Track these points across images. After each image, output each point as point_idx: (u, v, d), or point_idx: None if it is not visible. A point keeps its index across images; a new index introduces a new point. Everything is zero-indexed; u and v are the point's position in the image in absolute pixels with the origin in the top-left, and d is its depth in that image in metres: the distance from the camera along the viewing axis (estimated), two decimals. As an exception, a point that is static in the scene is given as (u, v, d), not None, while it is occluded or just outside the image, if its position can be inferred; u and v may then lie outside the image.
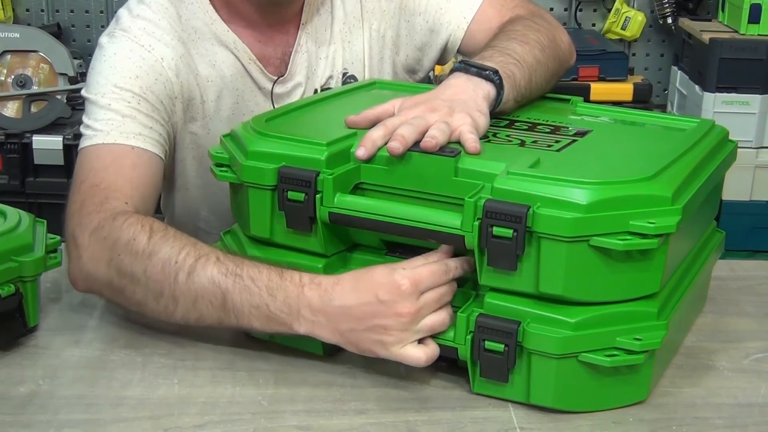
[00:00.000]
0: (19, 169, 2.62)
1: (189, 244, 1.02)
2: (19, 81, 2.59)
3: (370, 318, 0.93)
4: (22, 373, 0.98)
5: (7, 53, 2.59)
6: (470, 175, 0.94)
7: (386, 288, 0.93)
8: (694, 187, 0.96)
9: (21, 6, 3.06)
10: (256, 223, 1.02)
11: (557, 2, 3.16)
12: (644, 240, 0.88)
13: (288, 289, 0.96)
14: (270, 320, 0.97)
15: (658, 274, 0.92)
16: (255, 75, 1.30)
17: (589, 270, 0.89)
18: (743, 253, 2.71)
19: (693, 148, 1.03)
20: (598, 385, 0.92)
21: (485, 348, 0.92)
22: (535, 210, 0.88)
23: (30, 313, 1.03)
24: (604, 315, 0.91)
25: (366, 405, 0.94)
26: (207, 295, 0.99)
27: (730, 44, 2.70)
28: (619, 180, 0.91)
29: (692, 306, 1.08)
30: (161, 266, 1.01)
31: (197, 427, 0.90)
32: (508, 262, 0.90)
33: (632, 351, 0.90)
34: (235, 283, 0.98)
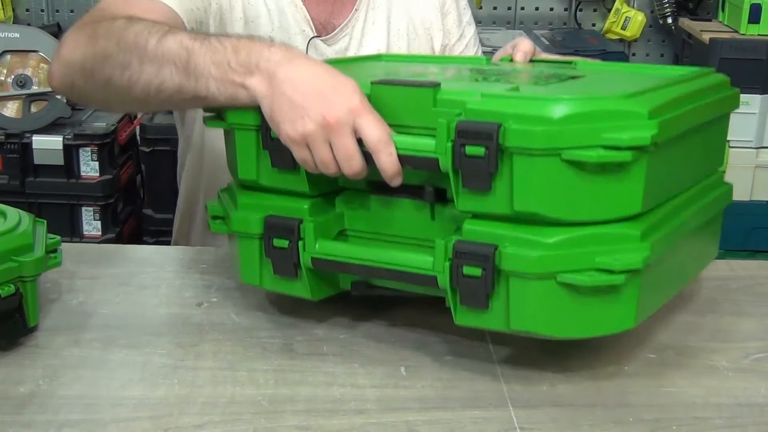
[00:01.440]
0: (19, 169, 2.62)
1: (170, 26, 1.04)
2: (19, 81, 2.59)
3: (313, 96, 0.93)
4: (22, 373, 0.98)
5: (7, 53, 2.59)
6: (448, 105, 0.93)
7: (345, 93, 0.93)
8: (677, 110, 0.95)
9: (21, 6, 3.06)
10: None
11: (557, 2, 3.16)
12: (618, 152, 0.87)
13: (254, 47, 0.99)
14: (226, 77, 0.98)
15: (638, 193, 0.91)
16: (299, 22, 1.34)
17: (562, 186, 0.89)
18: (743, 253, 2.72)
19: (681, 83, 1.02)
20: (580, 309, 0.91)
21: (463, 274, 0.91)
22: (507, 125, 0.88)
23: (30, 313, 1.03)
24: (583, 236, 0.90)
25: (366, 405, 0.94)
26: (173, 57, 1.01)
27: (730, 44, 2.70)
28: (593, 96, 0.91)
29: (694, 245, 1.06)
30: (134, 36, 1.04)
31: (197, 427, 0.90)
32: (482, 182, 0.90)
33: (612, 270, 0.89)
34: (203, 45, 1.00)
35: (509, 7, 3.19)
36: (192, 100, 1.03)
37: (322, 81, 0.95)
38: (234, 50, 0.99)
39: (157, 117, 2.84)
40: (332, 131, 0.93)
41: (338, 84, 0.95)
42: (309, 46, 1.35)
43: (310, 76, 0.96)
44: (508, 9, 3.19)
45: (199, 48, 1.00)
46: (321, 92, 0.94)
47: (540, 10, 3.18)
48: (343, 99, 0.93)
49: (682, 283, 1.08)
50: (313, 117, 0.93)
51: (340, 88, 0.94)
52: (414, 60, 1.30)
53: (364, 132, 0.93)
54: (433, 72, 1.14)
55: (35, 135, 2.60)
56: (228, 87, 0.99)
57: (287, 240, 1.01)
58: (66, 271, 1.17)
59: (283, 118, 0.95)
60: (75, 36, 1.12)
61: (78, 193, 2.66)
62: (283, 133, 0.95)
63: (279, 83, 0.96)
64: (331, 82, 0.95)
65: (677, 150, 0.97)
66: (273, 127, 0.97)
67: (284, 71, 0.96)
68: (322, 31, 1.38)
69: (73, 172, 2.65)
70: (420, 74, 1.12)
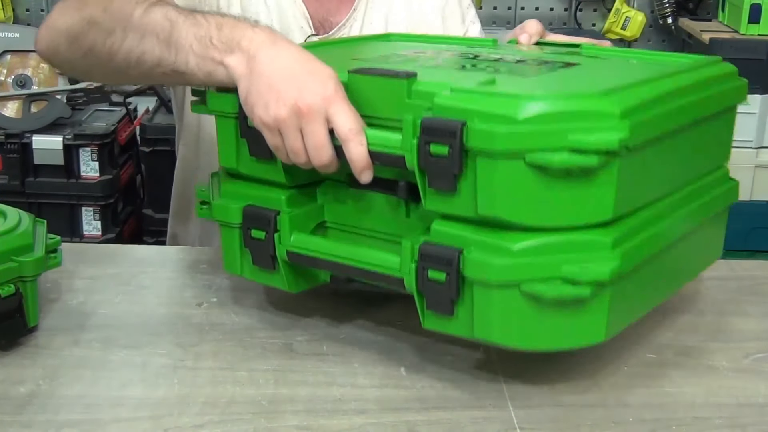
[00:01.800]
0: (19, 169, 2.62)
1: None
2: (19, 81, 2.59)
3: (289, 81, 0.92)
4: (22, 373, 0.98)
5: (7, 53, 2.59)
6: (423, 97, 0.89)
7: (320, 80, 0.92)
8: (661, 107, 0.90)
9: (21, 6, 3.06)
10: (224, 153, 1.04)
11: (557, 2, 3.16)
12: (584, 156, 0.83)
13: (239, 25, 0.97)
14: (206, 53, 0.97)
15: (609, 199, 0.86)
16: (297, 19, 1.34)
17: (527, 190, 0.84)
18: (743, 253, 2.72)
19: (680, 74, 0.98)
20: (545, 320, 0.87)
21: (428, 277, 0.89)
22: (469, 125, 0.84)
23: (30, 313, 1.03)
24: (550, 243, 0.86)
25: (366, 405, 0.94)
26: (156, 28, 1.00)
27: (730, 44, 2.70)
28: (562, 94, 0.86)
29: (687, 247, 1.01)
30: (120, 4, 1.04)
31: (197, 427, 0.90)
32: (446, 182, 0.87)
33: (577, 282, 0.85)
34: (187, 19, 1.00)
35: (509, 7, 3.19)
36: (171, 75, 1.02)
37: (299, 66, 0.93)
38: (218, 27, 0.98)
39: (157, 117, 2.84)
40: (304, 118, 0.91)
41: (315, 71, 0.93)
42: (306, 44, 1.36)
43: (288, 61, 0.94)
44: (508, 9, 3.19)
45: (183, 21, 1.00)
46: (297, 77, 0.92)
47: (540, 10, 3.18)
48: (317, 86, 0.91)
49: (672, 288, 1.03)
50: (286, 102, 0.91)
51: (317, 75, 0.92)
52: (421, 40, 1.26)
53: (335, 121, 0.91)
54: (427, 56, 1.11)
55: (35, 135, 2.61)
56: (207, 63, 0.98)
57: (264, 231, 1.00)
58: (66, 271, 1.17)
59: (257, 101, 0.93)
60: (65, 2, 1.12)
61: (78, 193, 2.66)
62: (256, 116, 0.94)
63: (257, 64, 0.94)
64: (308, 68, 0.93)
65: (663, 149, 0.93)
66: (246, 110, 0.95)
67: (265, 53, 0.95)
68: (319, 28, 1.38)
69: (73, 172, 2.65)
70: (411, 59, 1.09)
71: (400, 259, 0.91)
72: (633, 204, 0.91)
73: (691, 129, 0.96)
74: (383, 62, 1.06)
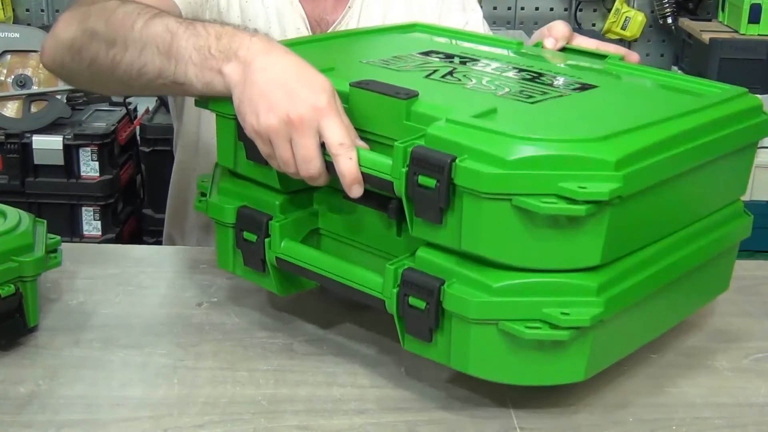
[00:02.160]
0: (19, 169, 2.62)
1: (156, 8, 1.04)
2: (19, 81, 2.59)
3: (282, 91, 0.91)
4: (22, 373, 0.98)
5: (7, 53, 2.59)
6: (421, 120, 0.88)
7: (313, 92, 0.91)
8: (662, 154, 0.87)
9: (21, 6, 3.06)
10: (222, 153, 1.05)
11: (557, 2, 3.16)
12: (571, 205, 0.81)
13: (237, 35, 0.98)
14: (204, 64, 0.97)
15: (597, 246, 0.84)
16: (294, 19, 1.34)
17: (511, 231, 0.83)
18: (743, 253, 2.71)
19: (698, 111, 0.94)
20: (521, 358, 0.86)
21: (409, 304, 0.88)
22: (458, 162, 0.83)
23: (30, 313, 1.03)
24: (533, 283, 0.85)
25: (366, 405, 0.94)
26: (157, 40, 1.00)
27: (730, 44, 2.70)
28: (557, 138, 0.83)
29: (686, 287, 0.99)
30: (122, 17, 1.05)
31: (197, 427, 0.90)
32: (432, 214, 0.86)
33: (557, 326, 0.83)
34: (187, 29, 1.00)
35: (509, 7, 3.19)
36: (171, 86, 1.03)
37: (293, 76, 0.93)
38: (216, 36, 0.98)
39: (157, 117, 2.84)
40: (295, 129, 0.90)
41: (309, 81, 0.92)
42: None
43: (283, 70, 0.94)
44: (508, 9, 3.19)
45: (183, 32, 1.00)
46: (290, 87, 0.92)
47: (540, 10, 3.18)
48: (310, 97, 0.91)
49: (667, 325, 1.01)
50: (277, 112, 0.91)
51: (310, 85, 0.92)
52: (444, 34, 1.24)
53: (325, 134, 0.90)
54: (439, 62, 1.09)
55: (35, 135, 2.61)
56: (205, 74, 0.98)
57: (256, 235, 1.00)
58: (66, 271, 1.17)
59: (249, 110, 0.93)
60: (69, 14, 1.13)
61: (78, 193, 2.66)
62: (247, 124, 0.94)
63: (252, 73, 0.94)
64: (302, 78, 0.93)
65: (663, 194, 0.90)
66: (240, 118, 0.95)
67: (260, 61, 0.95)
68: (316, 28, 1.38)
69: (73, 172, 2.65)
70: (422, 63, 1.08)
71: (383, 281, 0.91)
72: (625, 249, 0.89)
73: (699, 170, 0.93)
74: (392, 67, 1.05)
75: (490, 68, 1.09)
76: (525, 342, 0.85)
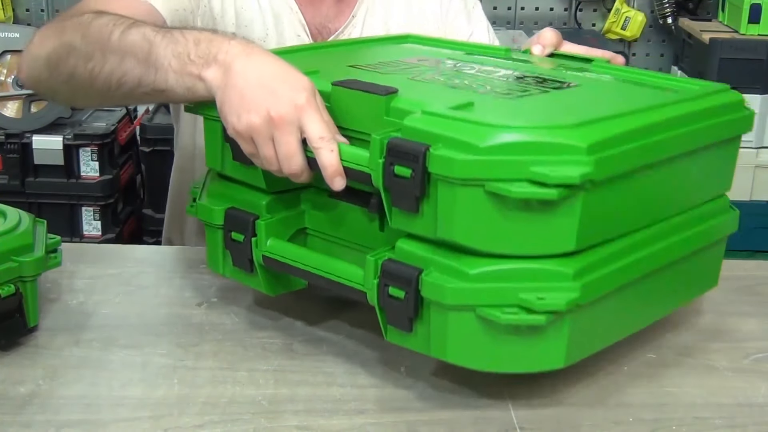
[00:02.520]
0: (19, 169, 2.62)
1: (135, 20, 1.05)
2: (19, 81, 2.59)
3: (262, 90, 0.93)
4: (22, 373, 0.98)
5: (7, 53, 2.59)
6: (400, 115, 0.89)
7: (293, 90, 0.92)
8: (635, 143, 0.88)
9: (21, 6, 3.06)
10: (210, 155, 1.06)
11: (557, 2, 3.16)
12: (542, 189, 0.82)
13: (215, 39, 0.98)
14: (184, 70, 0.98)
15: (571, 231, 0.85)
16: (294, 26, 1.34)
17: (485, 218, 0.84)
18: (743, 253, 2.72)
19: (676, 104, 0.96)
20: (500, 344, 0.87)
21: (389, 294, 0.89)
22: (432, 150, 0.84)
23: (30, 313, 1.03)
24: (509, 269, 0.85)
25: (366, 405, 0.94)
26: (135, 49, 1.01)
27: (730, 44, 2.71)
28: (530, 125, 0.85)
29: (670, 278, 0.99)
30: (98, 29, 1.05)
31: (197, 427, 0.90)
32: (409, 203, 0.87)
33: (533, 310, 0.84)
34: (165, 37, 1.00)
35: (509, 7, 3.19)
36: (152, 94, 1.03)
37: (273, 76, 0.94)
38: (195, 42, 0.99)
39: (157, 117, 2.84)
40: (276, 127, 0.91)
41: (289, 80, 0.94)
42: None
43: (263, 71, 0.94)
44: (508, 9, 3.19)
45: (161, 40, 1.00)
46: (270, 87, 0.93)
47: (540, 10, 3.18)
48: (290, 95, 0.92)
49: (654, 316, 1.01)
50: (258, 111, 0.92)
51: (291, 84, 0.93)
52: (436, 44, 1.26)
53: (306, 129, 0.91)
54: (426, 66, 1.10)
55: (35, 135, 2.61)
56: (186, 79, 0.99)
57: (243, 235, 1.01)
58: (66, 271, 1.17)
59: (231, 111, 0.94)
60: (45, 31, 1.13)
61: (78, 193, 2.67)
62: (229, 125, 0.95)
63: (233, 75, 0.95)
64: (282, 77, 0.94)
65: (640, 182, 0.91)
66: (222, 119, 0.96)
67: (240, 64, 0.95)
68: (317, 35, 1.37)
69: (73, 172, 2.65)
70: (408, 68, 1.09)
71: (364, 273, 0.92)
72: (603, 235, 0.89)
73: (676, 161, 0.94)
74: (379, 70, 1.06)
75: (475, 70, 1.10)
76: (502, 327, 0.86)
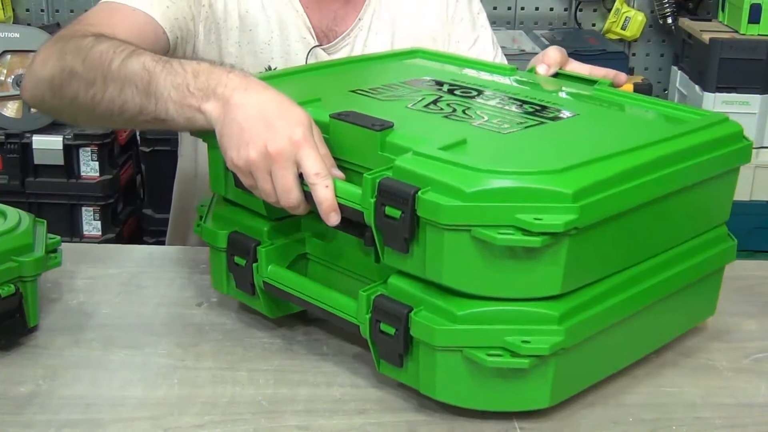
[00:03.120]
0: (19, 169, 2.62)
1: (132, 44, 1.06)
2: (19, 81, 2.59)
3: (260, 125, 0.94)
4: (22, 373, 0.98)
5: (7, 53, 2.59)
6: (394, 150, 0.90)
7: (290, 125, 0.93)
8: (625, 185, 0.87)
9: (21, 6, 3.06)
10: (214, 180, 1.08)
11: (557, 2, 3.16)
12: (527, 237, 0.82)
13: (214, 72, 1.00)
14: (184, 102, 0.99)
15: (557, 276, 0.85)
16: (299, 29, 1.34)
17: (472, 262, 0.85)
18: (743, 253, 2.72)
19: (672, 139, 0.95)
20: (486, 385, 0.88)
21: (380, 330, 0.90)
22: (420, 194, 0.85)
23: (30, 313, 1.03)
24: (495, 311, 0.86)
25: (366, 405, 0.94)
26: (135, 79, 1.02)
27: (730, 44, 2.71)
28: (517, 170, 0.85)
29: (660, 315, 0.98)
30: (99, 55, 1.06)
31: (197, 427, 0.90)
32: (399, 244, 0.88)
33: (517, 353, 0.85)
34: (164, 68, 1.02)
35: (509, 7, 3.19)
36: (153, 122, 1.04)
37: (270, 111, 0.95)
38: (194, 74, 1.00)
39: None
40: (273, 162, 0.93)
41: (286, 115, 0.95)
42: (309, 55, 1.35)
43: (261, 105, 0.96)
44: (508, 9, 3.19)
45: (160, 71, 1.02)
46: (267, 121, 0.94)
47: (540, 10, 3.18)
48: (287, 130, 0.93)
49: (646, 349, 1.00)
50: (256, 145, 0.93)
51: (287, 119, 0.94)
52: (444, 60, 1.27)
53: (302, 165, 0.92)
54: (426, 90, 1.11)
55: (35, 135, 2.61)
56: (186, 110, 1.00)
57: (245, 260, 1.03)
58: (66, 271, 1.17)
59: (230, 144, 0.96)
60: (46, 51, 1.14)
61: (78, 193, 2.66)
62: (228, 159, 0.96)
63: (231, 109, 0.96)
64: (279, 112, 0.95)
65: (629, 223, 0.90)
66: (222, 152, 0.98)
67: (238, 97, 0.97)
68: (323, 38, 1.37)
69: (73, 172, 2.65)
70: (409, 92, 1.09)
71: (357, 306, 0.93)
72: (590, 276, 0.90)
73: (668, 198, 0.94)
74: (379, 96, 1.07)
75: (475, 96, 1.10)
76: (487, 369, 0.86)
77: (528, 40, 2.96)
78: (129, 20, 1.19)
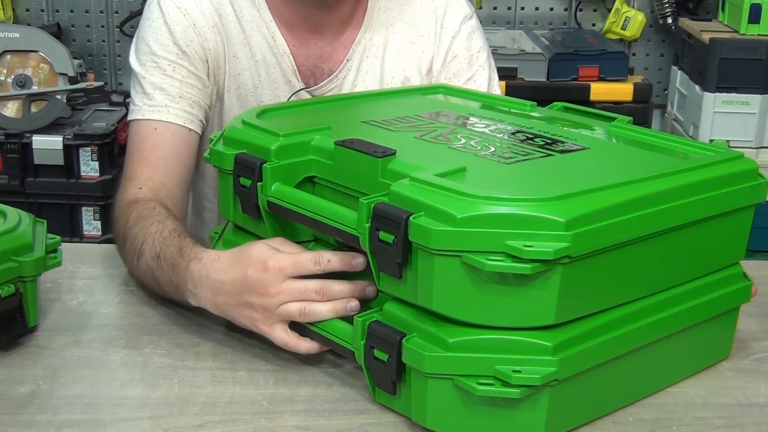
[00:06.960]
0: (19, 169, 2.62)
1: (146, 226, 1.12)
2: (19, 81, 2.59)
3: (240, 294, 0.98)
4: (22, 373, 0.98)
5: (7, 53, 2.59)
6: (395, 177, 0.91)
7: (256, 267, 0.97)
8: (622, 216, 0.86)
9: (21, 6, 3.06)
10: (224, 206, 1.09)
11: (557, 2, 3.16)
12: (517, 264, 0.81)
13: (180, 265, 1.05)
14: (177, 293, 1.07)
15: (550, 305, 0.84)
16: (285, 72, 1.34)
17: (462, 288, 0.84)
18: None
19: (678, 174, 0.93)
20: (477, 414, 0.86)
21: (374, 356, 0.90)
22: (412, 219, 0.84)
23: (30, 313, 1.03)
24: (487, 340, 0.85)
25: (366, 405, 0.94)
26: (148, 277, 1.12)
27: (730, 44, 2.70)
28: (509, 197, 0.84)
29: (667, 353, 0.96)
30: (127, 250, 1.15)
31: (197, 427, 0.90)
32: (392, 269, 0.88)
33: (508, 383, 0.83)
34: (157, 265, 1.08)
35: (509, 7, 3.18)
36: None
37: (233, 284, 0.99)
38: (172, 269, 1.06)
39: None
40: (272, 315, 0.97)
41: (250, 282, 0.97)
42: (294, 98, 1.33)
43: (228, 273, 0.99)
44: (508, 9, 3.19)
45: (157, 268, 1.09)
46: (240, 298, 0.98)
47: (540, 10, 3.17)
48: (261, 300, 0.97)
49: (648, 390, 0.96)
50: (244, 315, 0.99)
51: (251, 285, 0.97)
52: (465, 96, 1.27)
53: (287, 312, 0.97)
54: (441, 123, 1.10)
55: (35, 135, 2.60)
56: (181, 296, 1.06)
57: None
58: (66, 271, 1.17)
59: (233, 316, 1.01)
60: (114, 214, 1.22)
61: (78, 193, 2.66)
62: (241, 325, 1.01)
63: (202, 299, 1.02)
64: (245, 265, 0.98)
65: (631, 255, 0.88)
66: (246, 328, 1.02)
67: (201, 290, 1.02)
68: (309, 78, 1.35)
69: (73, 172, 2.65)
70: (421, 124, 1.09)
71: (352, 332, 0.93)
72: (589, 307, 0.88)
73: (673, 233, 0.92)
74: (390, 127, 1.07)
75: (488, 129, 1.09)
76: (479, 398, 0.85)
77: (528, 40, 2.95)
78: (161, 147, 1.26)
